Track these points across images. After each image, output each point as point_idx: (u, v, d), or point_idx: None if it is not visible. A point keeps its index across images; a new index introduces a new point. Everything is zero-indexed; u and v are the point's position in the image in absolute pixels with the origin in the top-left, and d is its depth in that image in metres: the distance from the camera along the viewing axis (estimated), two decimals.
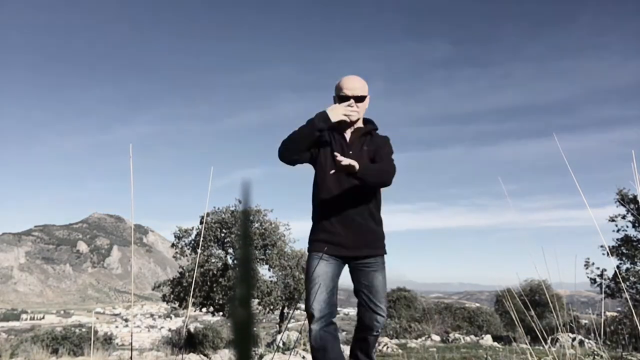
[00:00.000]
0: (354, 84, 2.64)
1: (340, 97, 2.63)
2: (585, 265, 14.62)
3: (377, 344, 2.83)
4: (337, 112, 2.55)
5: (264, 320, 19.34)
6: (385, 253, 2.65)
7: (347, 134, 2.69)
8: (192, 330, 16.33)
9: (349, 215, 2.56)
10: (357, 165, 2.36)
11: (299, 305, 17.83)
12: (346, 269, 2.64)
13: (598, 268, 14.77)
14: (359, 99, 2.62)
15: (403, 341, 9.98)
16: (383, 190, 2.68)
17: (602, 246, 12.47)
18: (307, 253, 2.64)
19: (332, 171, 2.49)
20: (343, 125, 2.65)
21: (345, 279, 2.63)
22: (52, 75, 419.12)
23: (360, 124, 2.72)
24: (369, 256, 2.57)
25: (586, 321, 12.34)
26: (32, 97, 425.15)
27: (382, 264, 2.61)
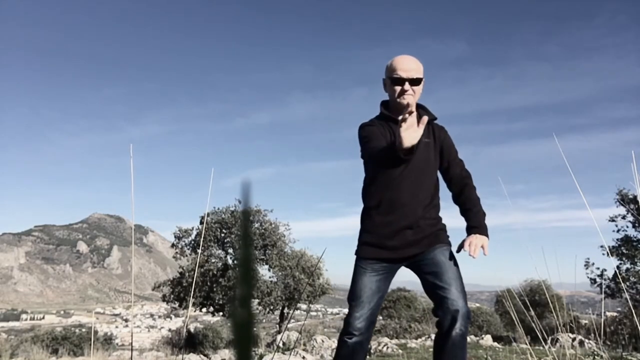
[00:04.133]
0: (409, 65, 2.34)
1: (394, 79, 2.34)
2: (585, 266, 14.63)
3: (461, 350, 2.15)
4: (412, 137, 1.99)
5: (264, 321, 19.33)
6: (444, 242, 2.37)
7: None
8: (192, 330, 16.33)
9: (408, 212, 2.32)
10: (485, 243, 2.25)
11: (298, 305, 17.85)
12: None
13: (598, 268, 14.78)
14: (415, 82, 2.33)
15: (403, 341, 9.97)
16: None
17: (602, 246, 12.49)
18: (306, 253, 2.56)
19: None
20: (397, 111, 2.34)
21: (344, 280, 2.51)
22: (61, 74, 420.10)
23: (413, 109, 2.41)
24: (427, 249, 2.33)
25: (586, 321, 12.34)
26: (41, 97, 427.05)
27: (445, 248, 2.34)
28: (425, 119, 1.98)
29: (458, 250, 2.30)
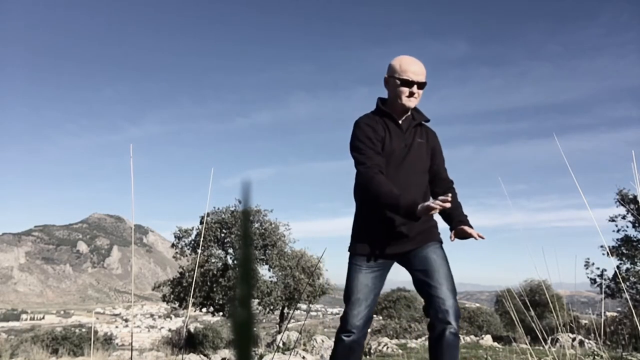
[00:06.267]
0: (420, 69, 2.38)
1: (403, 81, 2.36)
2: (585, 266, 14.63)
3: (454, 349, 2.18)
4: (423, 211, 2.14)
5: (264, 321, 19.34)
6: (436, 240, 2.40)
7: (400, 122, 2.44)
8: (192, 330, 16.33)
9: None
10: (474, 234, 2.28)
11: (298, 305, 17.85)
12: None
13: (598, 268, 14.79)
14: (421, 86, 2.39)
15: (403, 341, 9.98)
16: None
17: (602, 246, 12.49)
18: (306, 253, 2.57)
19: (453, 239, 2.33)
20: (398, 111, 2.42)
21: (344, 280, 2.48)
22: (62, 75, 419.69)
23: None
24: (419, 246, 2.35)
25: (586, 321, 12.34)
26: (42, 97, 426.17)
27: (437, 246, 2.38)
28: (447, 204, 2.08)
29: (455, 239, 2.32)
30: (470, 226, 2.34)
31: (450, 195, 2.10)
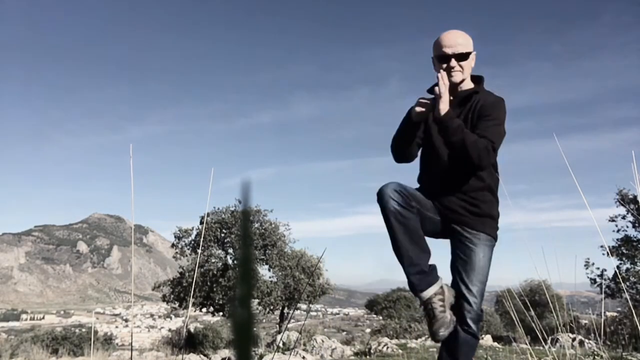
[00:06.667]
0: (455, 40, 2.22)
1: (439, 57, 2.23)
2: (585, 266, 14.61)
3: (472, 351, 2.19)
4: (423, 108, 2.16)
5: (264, 320, 19.34)
6: (490, 234, 2.22)
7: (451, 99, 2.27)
8: (192, 330, 16.32)
9: (443, 195, 2.24)
10: (443, 109, 2.08)
11: (298, 305, 17.84)
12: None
13: (598, 268, 14.77)
14: (461, 57, 2.21)
15: (403, 341, 9.97)
16: None
17: (602, 246, 12.47)
18: (306, 253, 2.54)
19: (419, 109, 2.18)
20: (451, 89, 2.23)
21: (344, 280, 2.40)
22: (64, 75, 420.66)
23: (468, 84, 2.30)
24: (471, 230, 2.19)
25: (586, 321, 12.33)
26: (43, 97, 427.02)
27: (488, 244, 2.21)
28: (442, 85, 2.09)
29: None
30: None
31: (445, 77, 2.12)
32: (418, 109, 2.18)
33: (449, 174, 2.22)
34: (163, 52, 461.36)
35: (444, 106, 2.08)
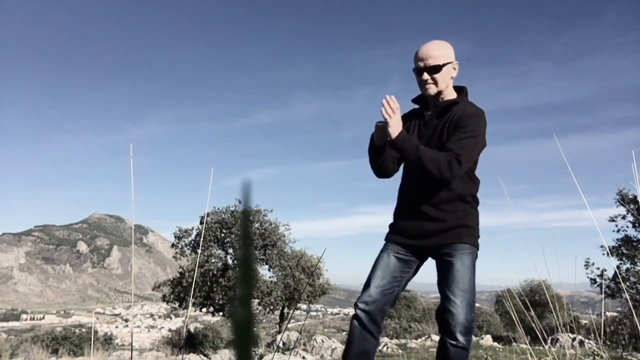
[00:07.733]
0: (427, 53, 2.23)
1: (414, 70, 2.28)
2: (585, 266, 14.61)
3: None
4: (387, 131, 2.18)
5: (264, 321, 19.33)
6: (467, 243, 2.21)
7: (429, 113, 2.32)
8: (192, 330, 16.33)
9: (418, 205, 2.26)
10: (392, 133, 2.13)
11: (298, 305, 17.84)
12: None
13: (598, 268, 14.76)
14: (433, 70, 2.22)
15: (403, 341, 9.98)
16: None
17: (602, 246, 12.47)
18: (306, 253, 2.55)
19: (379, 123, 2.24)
20: (430, 102, 2.31)
21: (344, 280, 2.44)
22: (64, 74, 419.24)
23: (450, 94, 2.30)
24: (447, 244, 2.21)
25: (586, 321, 12.33)
26: (43, 97, 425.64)
27: (465, 253, 2.19)
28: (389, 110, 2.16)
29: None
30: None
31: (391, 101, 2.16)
32: (375, 134, 2.28)
33: (421, 187, 2.28)
34: (163, 52, 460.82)
35: (392, 130, 2.14)
